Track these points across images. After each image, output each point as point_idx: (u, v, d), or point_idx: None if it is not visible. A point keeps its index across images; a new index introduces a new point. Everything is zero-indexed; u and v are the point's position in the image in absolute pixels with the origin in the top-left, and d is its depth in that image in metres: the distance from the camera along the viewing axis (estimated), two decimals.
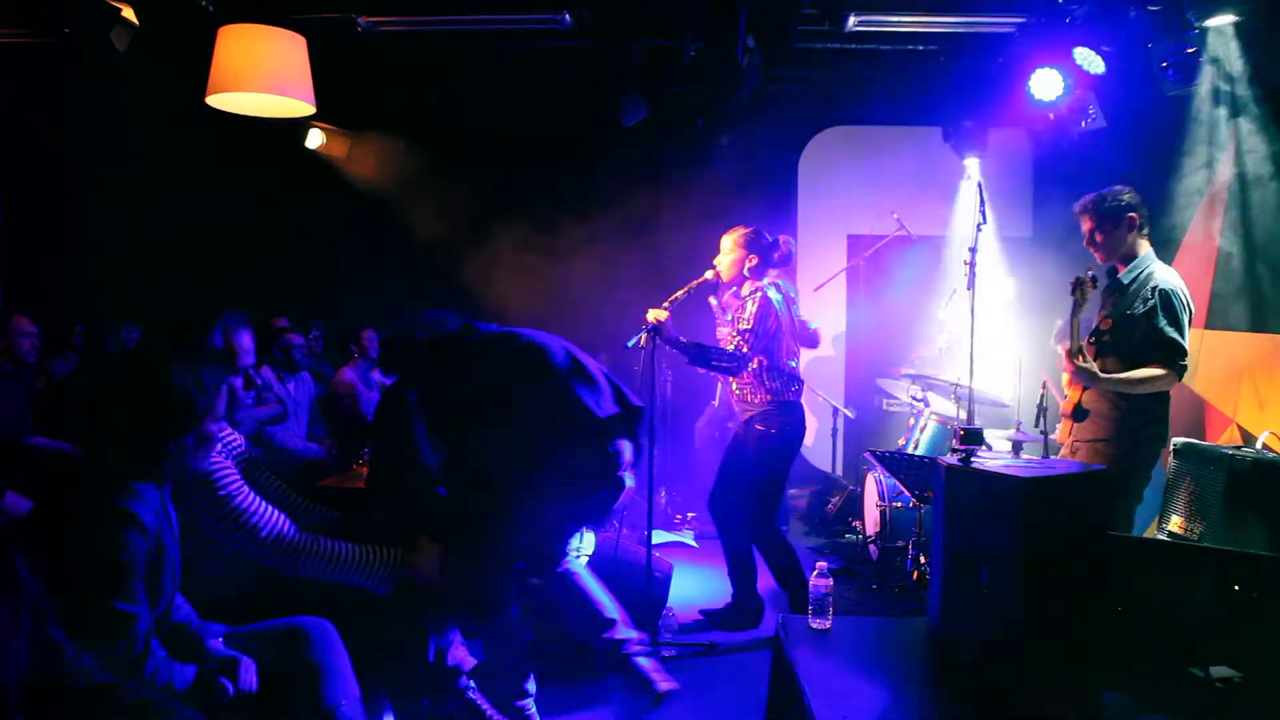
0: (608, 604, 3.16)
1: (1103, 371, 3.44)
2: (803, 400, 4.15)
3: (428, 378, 2.81)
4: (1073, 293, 3.40)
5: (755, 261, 4.01)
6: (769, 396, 4.00)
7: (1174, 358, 3.35)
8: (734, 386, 4.14)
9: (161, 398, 1.95)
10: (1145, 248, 3.54)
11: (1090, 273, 3.39)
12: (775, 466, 4.06)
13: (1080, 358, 3.42)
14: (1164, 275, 3.45)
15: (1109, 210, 3.51)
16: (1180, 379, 3.39)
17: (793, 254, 4.20)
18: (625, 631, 3.15)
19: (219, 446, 2.40)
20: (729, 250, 4.04)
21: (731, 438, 4.21)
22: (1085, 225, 3.59)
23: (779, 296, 4.03)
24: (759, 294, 3.95)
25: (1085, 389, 3.55)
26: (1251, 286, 4.45)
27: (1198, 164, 4.87)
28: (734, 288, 4.12)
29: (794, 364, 4.14)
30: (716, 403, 6.41)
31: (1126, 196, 3.52)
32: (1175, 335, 3.35)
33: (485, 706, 2.69)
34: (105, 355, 5.68)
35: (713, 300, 4.38)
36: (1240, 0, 4.16)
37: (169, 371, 1.97)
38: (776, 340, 3.99)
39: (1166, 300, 3.38)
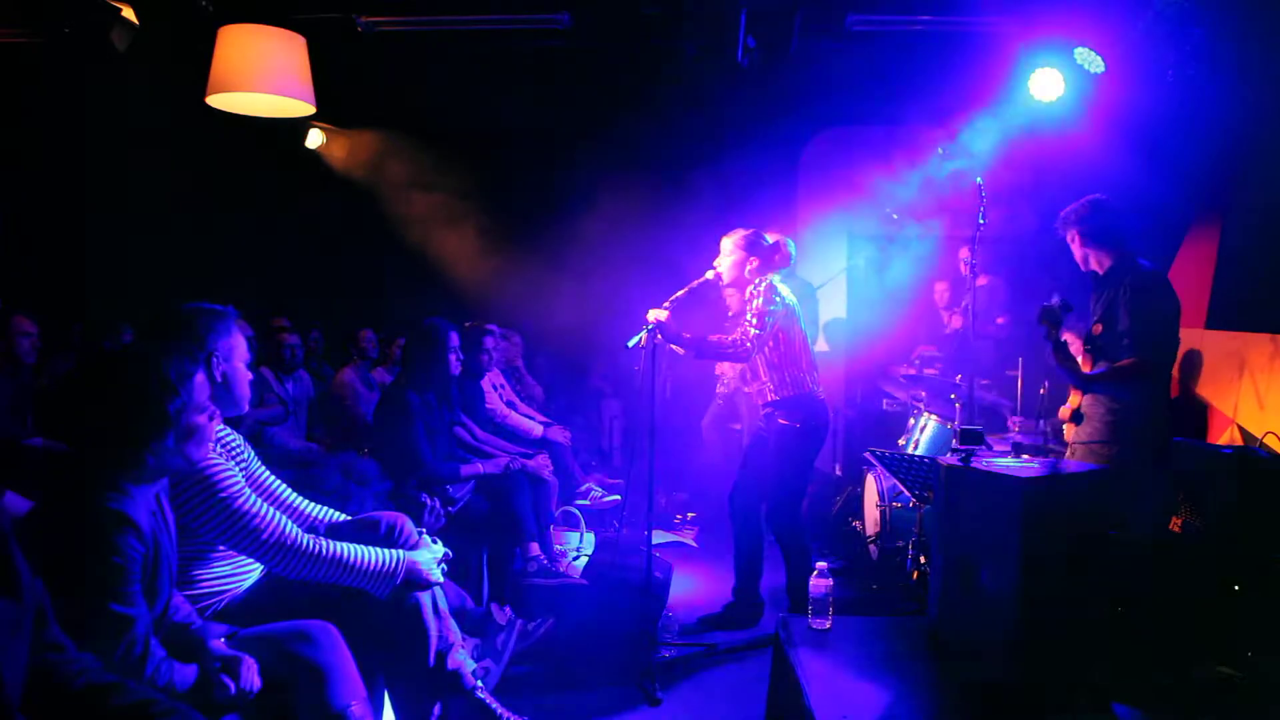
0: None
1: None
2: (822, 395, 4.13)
3: None
4: (1040, 321, 3.42)
5: (756, 263, 4.01)
6: (790, 390, 3.98)
7: (1140, 347, 3.36)
8: (751, 384, 4.13)
9: (128, 397, 1.94)
10: (1124, 250, 3.57)
11: (1056, 299, 3.41)
12: (799, 460, 4.03)
13: (1063, 355, 3.45)
14: (1138, 271, 3.49)
15: (1085, 220, 3.58)
16: (1151, 365, 3.37)
17: (793, 256, 4.19)
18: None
19: (218, 448, 2.40)
20: (729, 252, 4.04)
21: (754, 434, 4.20)
22: (1068, 240, 3.69)
23: (786, 290, 4.05)
24: (763, 282, 3.95)
25: (1084, 394, 3.57)
26: (1251, 287, 4.45)
27: (1197, 164, 4.87)
28: (735, 290, 4.11)
29: (809, 357, 4.11)
30: (722, 390, 6.40)
31: (1097, 205, 3.57)
32: (1140, 323, 3.36)
33: (495, 706, 2.68)
34: (81, 356, 5.66)
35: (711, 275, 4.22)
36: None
37: (133, 369, 1.96)
38: (789, 327, 3.98)
39: (1135, 293, 3.41)
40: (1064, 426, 3.79)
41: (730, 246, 4.04)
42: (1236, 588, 2.19)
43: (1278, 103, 4.26)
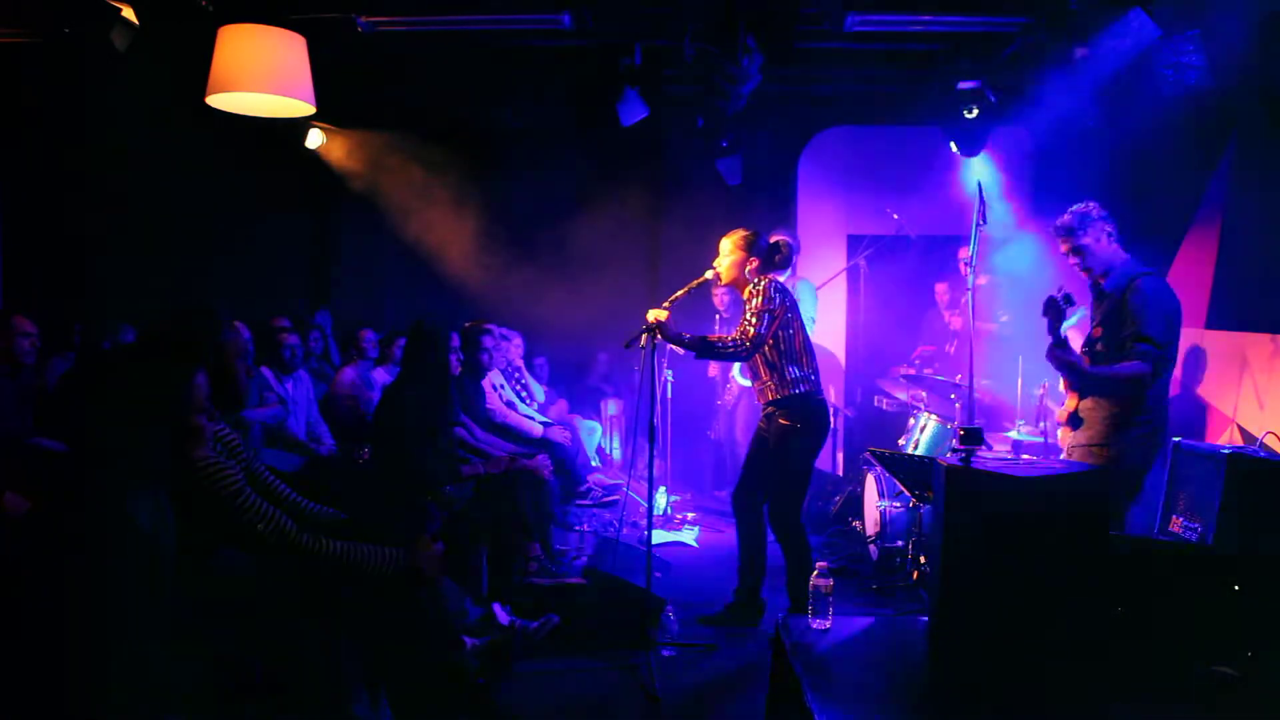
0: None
1: None
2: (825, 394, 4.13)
3: None
4: (1045, 314, 3.44)
5: (755, 264, 4.01)
6: (790, 390, 3.99)
7: (1144, 349, 3.37)
8: (753, 383, 4.14)
9: (127, 398, 1.94)
10: (1123, 255, 3.59)
11: (1061, 291, 3.42)
12: (801, 459, 4.03)
13: (1063, 350, 3.47)
14: (1141, 276, 3.50)
15: (1078, 229, 3.58)
16: (1154, 370, 3.39)
17: (793, 257, 4.18)
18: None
19: (218, 446, 2.41)
20: (729, 252, 4.04)
21: (755, 432, 4.20)
22: (1064, 249, 3.67)
23: (786, 289, 4.05)
24: (762, 281, 3.96)
25: (1081, 397, 3.58)
26: (1251, 287, 4.45)
27: (1197, 163, 4.87)
28: (730, 290, 4.11)
29: (811, 357, 4.12)
30: (729, 397, 6.41)
31: (1091, 212, 3.58)
32: (1144, 328, 3.38)
33: (496, 704, 2.69)
34: (81, 356, 5.65)
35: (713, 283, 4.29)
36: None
37: (133, 370, 1.96)
38: (789, 326, 3.99)
39: (1139, 297, 3.42)
40: (1059, 430, 3.80)
41: (730, 247, 4.04)
42: (1236, 588, 2.19)
43: (1277, 101, 4.26)
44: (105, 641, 1.82)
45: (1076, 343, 3.78)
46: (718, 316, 6.19)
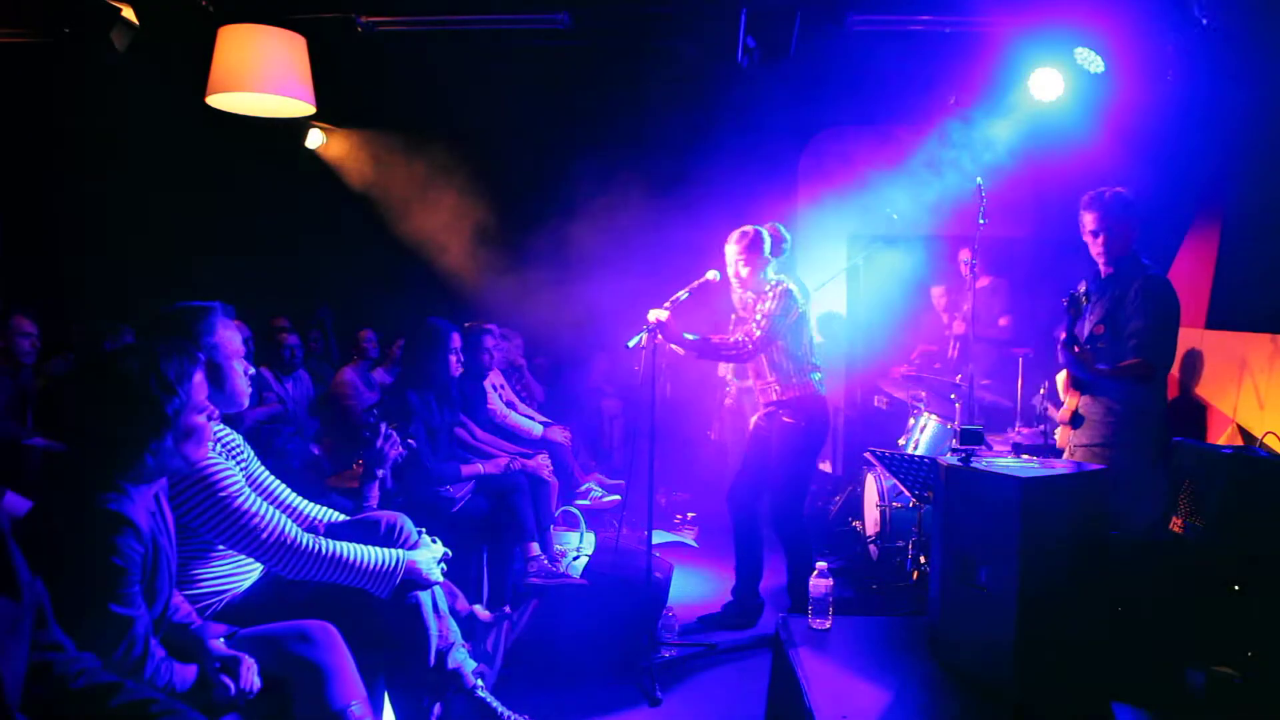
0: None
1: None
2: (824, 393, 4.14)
3: None
4: (1068, 310, 3.43)
5: (769, 262, 4.02)
6: (794, 391, 3.99)
7: (1147, 349, 3.38)
8: (755, 382, 4.14)
9: (126, 398, 1.93)
10: (1132, 250, 3.59)
11: (1083, 288, 3.43)
12: (802, 458, 4.04)
13: (1075, 348, 3.47)
14: (1147, 273, 3.49)
15: (1115, 209, 3.53)
16: (1154, 371, 3.39)
17: (783, 239, 4.15)
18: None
19: (218, 447, 2.40)
20: (744, 260, 4.00)
21: (754, 431, 4.20)
22: (1090, 224, 3.57)
23: (800, 295, 4.05)
24: (780, 286, 3.96)
25: (1082, 396, 3.58)
26: (1251, 287, 4.45)
27: (1197, 164, 4.86)
28: (750, 291, 4.10)
29: (815, 358, 4.12)
30: (729, 400, 6.40)
31: (1129, 199, 3.55)
32: (1148, 327, 3.38)
33: (496, 705, 2.68)
34: (80, 356, 5.65)
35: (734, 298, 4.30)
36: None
37: (132, 370, 1.95)
38: (797, 330, 3.99)
39: (1146, 296, 3.41)
40: (1058, 430, 3.79)
41: (735, 252, 4.01)
42: (1236, 588, 2.19)
43: (1277, 102, 4.26)
44: (103, 643, 1.82)
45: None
46: (734, 316, 6.20)
